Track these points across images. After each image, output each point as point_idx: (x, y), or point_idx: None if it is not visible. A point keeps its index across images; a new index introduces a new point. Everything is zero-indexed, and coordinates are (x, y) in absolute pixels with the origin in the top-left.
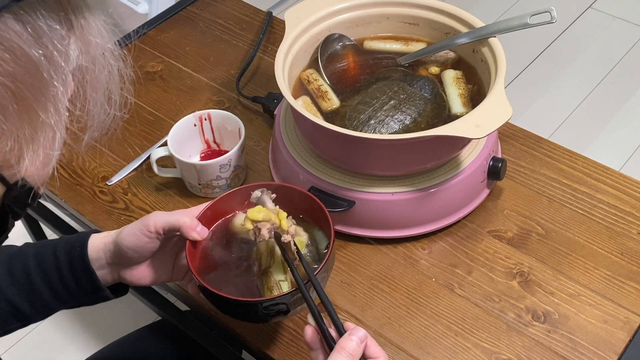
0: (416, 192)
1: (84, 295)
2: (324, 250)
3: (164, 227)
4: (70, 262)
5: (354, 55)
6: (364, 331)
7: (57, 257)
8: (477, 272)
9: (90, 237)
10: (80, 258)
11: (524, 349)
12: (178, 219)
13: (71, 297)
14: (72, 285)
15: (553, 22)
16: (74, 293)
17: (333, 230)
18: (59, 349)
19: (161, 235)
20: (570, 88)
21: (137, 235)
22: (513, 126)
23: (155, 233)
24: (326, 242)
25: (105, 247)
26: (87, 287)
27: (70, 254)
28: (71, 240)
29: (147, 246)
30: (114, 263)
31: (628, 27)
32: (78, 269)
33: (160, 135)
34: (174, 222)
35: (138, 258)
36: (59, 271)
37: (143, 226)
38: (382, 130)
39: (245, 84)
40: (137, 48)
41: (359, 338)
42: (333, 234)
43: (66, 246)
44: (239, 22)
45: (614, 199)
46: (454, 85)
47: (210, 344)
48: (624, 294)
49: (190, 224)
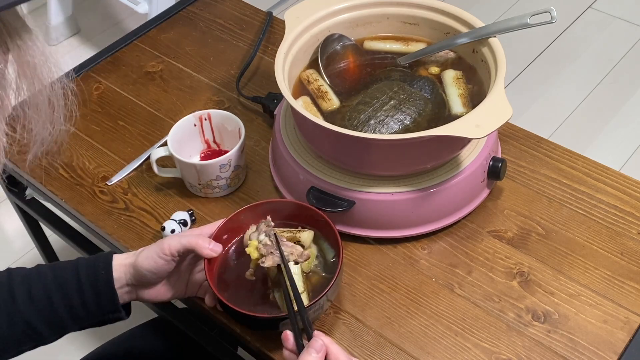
0: (416, 192)
1: (101, 315)
2: (332, 259)
3: (178, 250)
4: (94, 283)
5: (354, 55)
6: (320, 341)
7: (79, 280)
8: (477, 272)
9: (113, 259)
10: (105, 281)
11: (524, 349)
12: (190, 240)
13: (87, 318)
14: (93, 307)
15: (553, 22)
16: (93, 314)
17: (342, 247)
18: (58, 348)
19: (176, 257)
20: (570, 88)
21: (155, 258)
22: (513, 126)
23: (171, 256)
24: (332, 253)
25: (126, 270)
26: (107, 308)
27: (95, 276)
28: (94, 263)
29: (163, 268)
30: (132, 284)
31: (628, 27)
32: (102, 291)
33: (160, 135)
34: (186, 244)
35: (156, 279)
36: (80, 292)
37: (159, 250)
38: (382, 130)
39: (245, 84)
40: (137, 48)
41: (315, 350)
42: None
43: (89, 269)
44: (239, 22)
45: (614, 199)
46: (454, 85)
47: (207, 341)
48: (624, 294)
49: (203, 243)
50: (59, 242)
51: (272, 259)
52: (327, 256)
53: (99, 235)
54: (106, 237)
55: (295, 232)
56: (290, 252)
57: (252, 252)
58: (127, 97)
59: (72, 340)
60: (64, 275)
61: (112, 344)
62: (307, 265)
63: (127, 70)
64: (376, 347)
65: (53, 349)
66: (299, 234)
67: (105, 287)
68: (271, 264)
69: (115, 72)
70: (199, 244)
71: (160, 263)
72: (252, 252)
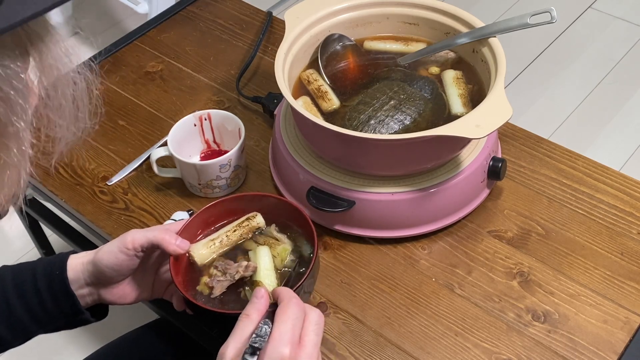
0: (416, 192)
1: (64, 318)
2: (310, 254)
3: (142, 244)
4: (49, 284)
5: (354, 55)
6: (263, 290)
7: (35, 280)
8: (477, 272)
9: (69, 258)
10: (60, 280)
11: (524, 349)
12: (156, 235)
13: (50, 321)
14: (52, 309)
15: (553, 22)
16: (54, 316)
17: (316, 236)
18: (58, 349)
19: (140, 252)
20: (570, 88)
21: (116, 253)
22: (513, 126)
23: (134, 250)
24: (310, 249)
25: (83, 268)
26: (67, 310)
27: (50, 277)
28: (50, 263)
29: (126, 264)
30: (93, 283)
31: (628, 27)
32: (58, 292)
33: (160, 135)
34: (152, 238)
35: (117, 277)
36: (38, 294)
37: (121, 244)
38: (382, 130)
39: (245, 84)
40: (137, 48)
41: (256, 296)
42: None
43: (45, 269)
44: (239, 22)
45: (614, 199)
46: (454, 85)
47: (208, 341)
48: (624, 294)
49: (169, 238)
50: (59, 242)
51: (221, 285)
52: (303, 252)
53: (99, 235)
54: (106, 237)
55: (250, 220)
56: (236, 271)
57: (203, 289)
58: (127, 97)
59: (71, 340)
60: (23, 275)
61: (114, 345)
62: (280, 261)
63: (127, 70)
64: (376, 347)
65: (53, 349)
66: (254, 220)
67: (60, 287)
68: (221, 291)
69: (115, 72)
70: (165, 239)
71: (122, 258)
72: (204, 290)
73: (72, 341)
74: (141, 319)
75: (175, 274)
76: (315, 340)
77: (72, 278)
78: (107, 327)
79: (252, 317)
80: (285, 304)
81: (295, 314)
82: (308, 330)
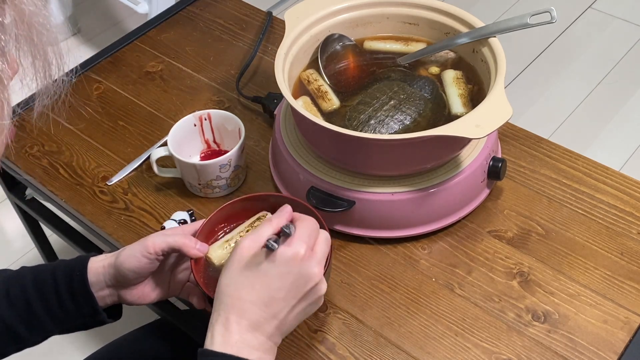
0: (416, 192)
1: (82, 318)
2: None
3: (163, 249)
4: (70, 286)
5: (354, 55)
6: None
7: (56, 281)
8: (477, 272)
9: (89, 261)
10: (80, 282)
11: (524, 349)
12: (177, 240)
13: (69, 321)
14: (71, 309)
15: (553, 22)
16: (72, 316)
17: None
18: (58, 349)
19: (160, 256)
20: (570, 88)
21: (138, 257)
22: (513, 126)
23: (155, 254)
24: None
25: (104, 271)
26: (86, 310)
27: (70, 278)
28: (70, 264)
29: (147, 267)
30: (113, 285)
31: (628, 27)
32: (77, 293)
33: (160, 135)
34: (172, 243)
35: (137, 278)
36: (57, 295)
37: (143, 248)
38: (382, 130)
39: (245, 84)
40: (137, 48)
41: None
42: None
43: (65, 270)
44: (239, 22)
45: (614, 199)
46: (454, 85)
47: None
48: (624, 294)
49: (190, 243)
50: (59, 242)
51: None
52: None
53: (99, 235)
54: (106, 237)
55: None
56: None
57: None
58: (127, 97)
59: (72, 340)
60: (43, 276)
61: (114, 345)
62: None
63: (127, 70)
64: (376, 347)
65: (53, 349)
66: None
67: (80, 288)
68: None
69: (115, 72)
70: (186, 243)
71: (144, 262)
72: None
73: (72, 341)
74: (141, 319)
75: (197, 275)
76: (325, 251)
77: (93, 280)
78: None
79: (273, 224)
80: (304, 217)
81: (312, 225)
82: (320, 242)
